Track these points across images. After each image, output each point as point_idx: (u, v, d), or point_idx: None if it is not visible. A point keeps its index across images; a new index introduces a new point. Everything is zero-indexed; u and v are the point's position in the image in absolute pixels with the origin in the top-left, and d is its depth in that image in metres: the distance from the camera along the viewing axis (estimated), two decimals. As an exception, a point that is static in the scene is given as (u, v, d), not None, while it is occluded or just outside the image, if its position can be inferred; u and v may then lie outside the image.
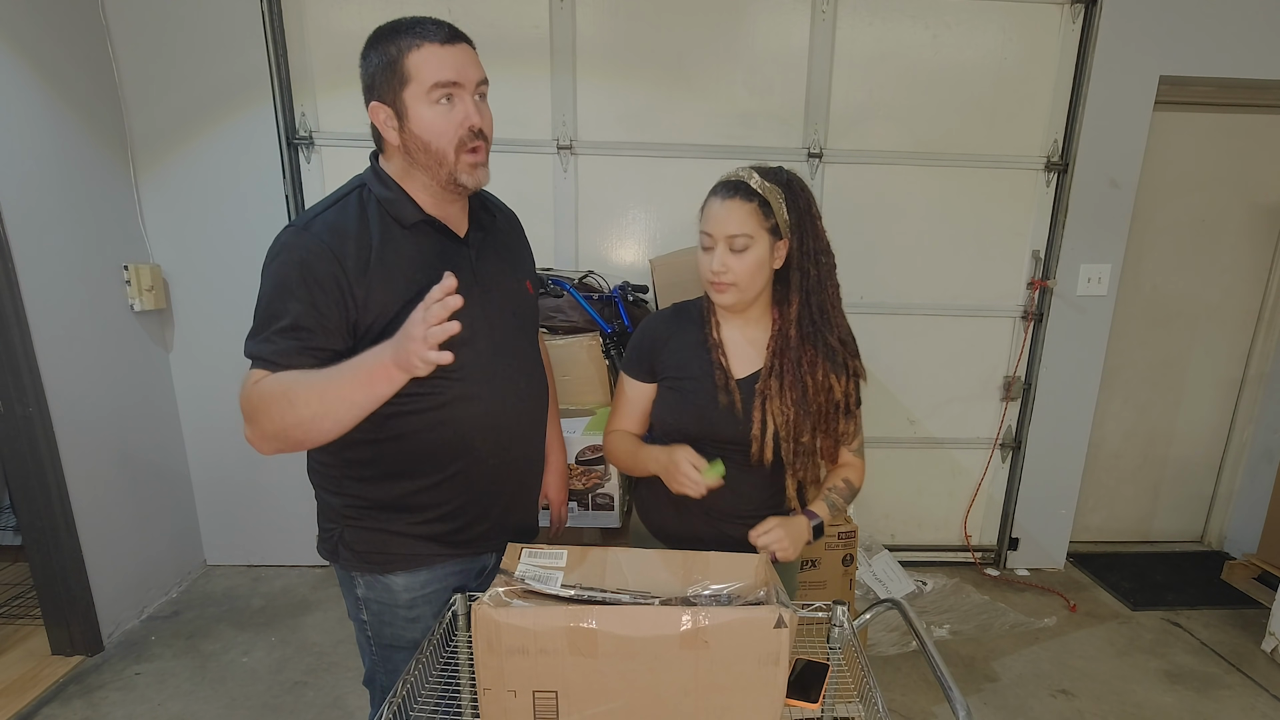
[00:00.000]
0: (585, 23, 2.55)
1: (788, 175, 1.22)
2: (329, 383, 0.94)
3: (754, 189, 1.17)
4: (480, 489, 1.18)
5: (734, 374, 1.25)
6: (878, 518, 3.10)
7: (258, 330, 1.01)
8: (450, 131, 1.02)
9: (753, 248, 1.17)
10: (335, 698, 2.15)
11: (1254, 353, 3.13)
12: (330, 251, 1.00)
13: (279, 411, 0.95)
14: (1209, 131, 2.87)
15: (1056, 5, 2.60)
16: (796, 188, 1.21)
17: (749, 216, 1.17)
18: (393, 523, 1.16)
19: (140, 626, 2.50)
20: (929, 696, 2.20)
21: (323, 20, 2.52)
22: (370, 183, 1.09)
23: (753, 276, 1.19)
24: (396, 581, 1.18)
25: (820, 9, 2.55)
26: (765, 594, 1.01)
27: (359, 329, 1.03)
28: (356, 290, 1.01)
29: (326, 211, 1.06)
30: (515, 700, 0.94)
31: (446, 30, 1.02)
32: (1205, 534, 3.35)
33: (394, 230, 1.07)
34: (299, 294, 0.99)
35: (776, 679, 0.92)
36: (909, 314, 2.86)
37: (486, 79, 1.07)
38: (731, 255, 1.18)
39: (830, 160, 2.69)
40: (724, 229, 1.17)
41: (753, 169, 1.20)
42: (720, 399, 1.23)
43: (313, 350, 1.00)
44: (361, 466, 1.13)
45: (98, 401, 2.36)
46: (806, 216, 1.21)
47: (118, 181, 2.48)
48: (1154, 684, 2.31)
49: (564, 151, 2.63)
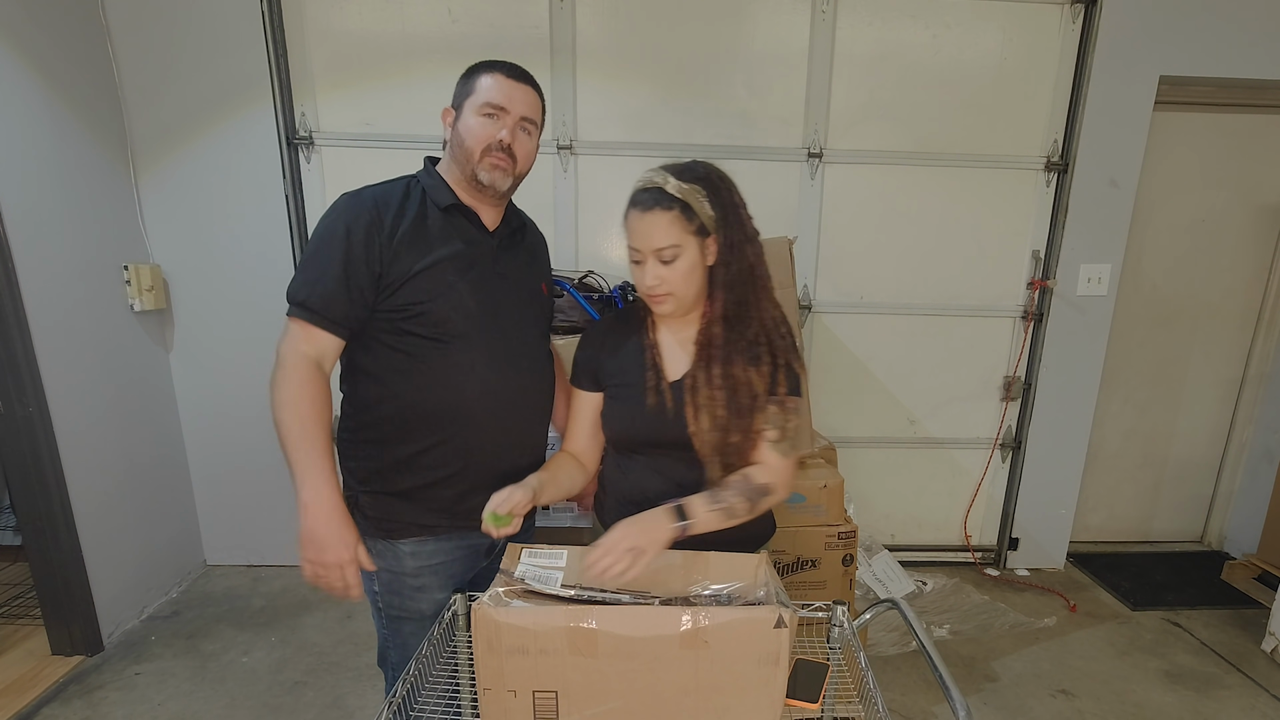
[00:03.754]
0: (585, 23, 2.55)
1: (704, 169, 1.16)
2: (299, 441, 1.14)
3: (671, 194, 1.11)
4: (477, 457, 1.27)
5: (668, 375, 1.22)
6: (878, 518, 3.10)
7: (301, 270, 1.20)
8: (482, 137, 1.20)
9: (682, 255, 1.13)
10: (335, 698, 2.15)
11: (1254, 353, 3.13)
12: (370, 214, 1.18)
13: (279, 405, 1.16)
14: (1209, 131, 2.87)
15: (1056, 5, 2.60)
16: (716, 180, 1.16)
17: (671, 225, 1.12)
18: (397, 485, 1.26)
19: (140, 626, 2.50)
20: (929, 696, 2.20)
21: (323, 20, 2.52)
22: (420, 175, 1.28)
23: (688, 283, 1.15)
24: (404, 548, 1.27)
25: (820, 9, 2.55)
26: (765, 594, 1.01)
27: (382, 282, 1.19)
28: (387, 249, 1.18)
29: (377, 185, 1.25)
30: (515, 700, 0.95)
31: (520, 71, 1.23)
32: (1205, 534, 3.35)
33: (430, 210, 1.24)
34: (341, 246, 1.17)
35: (776, 679, 0.92)
36: (909, 314, 2.86)
37: (536, 121, 1.25)
38: (662, 267, 1.14)
39: (830, 160, 2.69)
40: (649, 243, 1.13)
41: (666, 171, 1.14)
42: (649, 401, 1.20)
43: (340, 297, 1.16)
44: (374, 427, 1.26)
45: (98, 402, 2.36)
46: (729, 209, 1.15)
47: (118, 181, 2.48)
48: (1154, 684, 2.31)
49: (564, 151, 2.63)
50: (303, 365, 1.16)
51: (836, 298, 2.84)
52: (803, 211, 2.73)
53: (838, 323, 2.87)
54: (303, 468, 1.14)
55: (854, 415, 2.95)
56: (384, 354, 1.22)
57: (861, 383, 2.92)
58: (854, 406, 2.94)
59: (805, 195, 2.72)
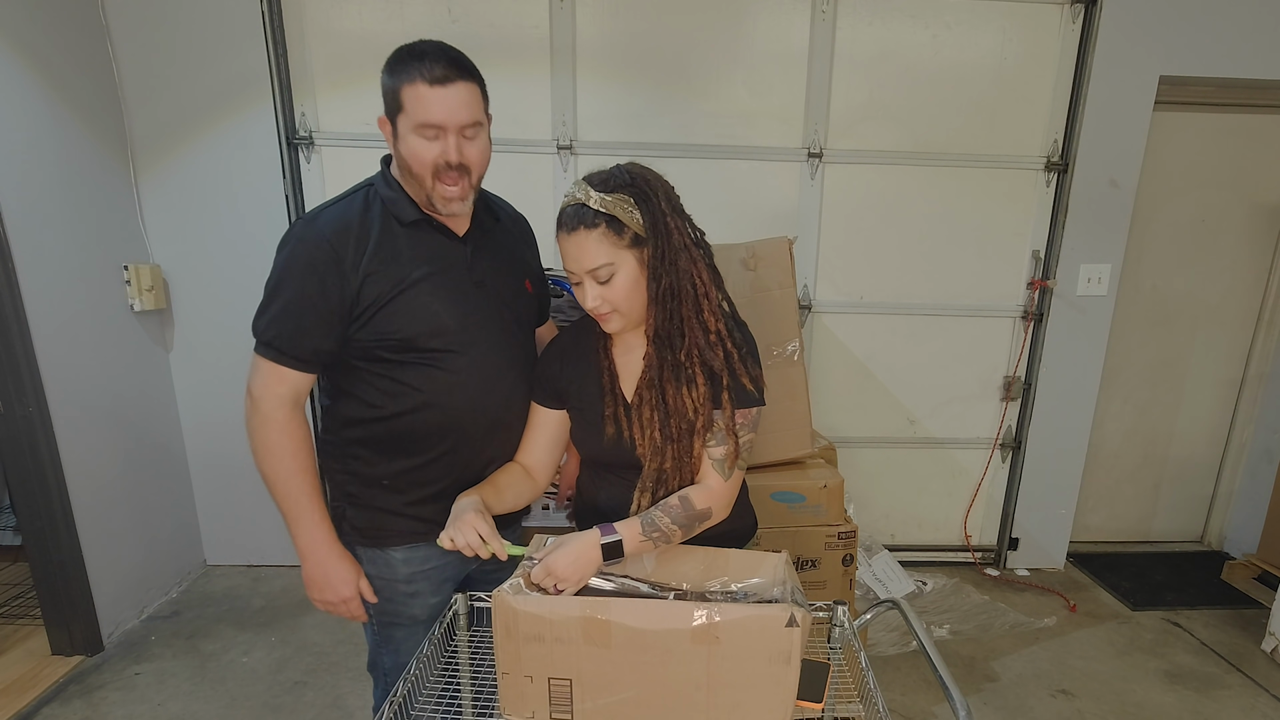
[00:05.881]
0: (585, 23, 2.55)
1: (629, 175, 1.07)
2: (288, 490, 1.16)
3: (595, 210, 1.04)
4: (470, 469, 1.23)
5: (624, 395, 1.17)
6: (878, 518, 3.10)
7: (264, 309, 1.13)
8: (429, 161, 1.09)
9: (619, 271, 1.06)
10: (335, 698, 2.15)
11: (1254, 353, 3.13)
12: (330, 244, 1.10)
13: (262, 453, 1.16)
14: (1209, 131, 2.87)
15: (1056, 5, 2.60)
16: (643, 186, 1.06)
17: (600, 243, 1.04)
18: (389, 501, 1.23)
19: (140, 626, 2.50)
20: (929, 696, 2.20)
21: (323, 20, 2.52)
22: (378, 183, 1.18)
23: (631, 298, 1.08)
24: (396, 555, 1.25)
25: (820, 9, 2.55)
26: (781, 593, 1.02)
27: (353, 314, 1.13)
28: (352, 280, 1.11)
29: (333, 206, 1.16)
30: (532, 685, 0.97)
31: (442, 69, 1.06)
32: (1205, 534, 3.35)
33: (393, 227, 1.15)
34: (301, 282, 1.10)
35: (787, 678, 0.92)
36: (909, 314, 2.86)
37: (480, 120, 1.12)
38: (600, 286, 1.07)
39: (830, 160, 2.69)
40: (581, 265, 1.06)
41: (588, 184, 1.06)
42: (608, 430, 1.16)
43: (306, 334, 1.11)
44: (359, 445, 1.22)
45: (98, 401, 2.36)
46: (660, 215, 1.06)
47: (118, 181, 2.48)
48: (1154, 684, 2.31)
49: (564, 151, 2.63)
50: (280, 409, 1.13)
51: (836, 298, 2.84)
52: (802, 211, 2.73)
53: (838, 323, 2.87)
54: (294, 515, 1.16)
55: (854, 415, 2.95)
56: (367, 377, 1.18)
57: (861, 383, 2.92)
58: (854, 406, 2.94)
59: (805, 195, 2.72)
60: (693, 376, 1.10)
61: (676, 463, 1.13)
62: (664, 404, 1.11)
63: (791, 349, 1.96)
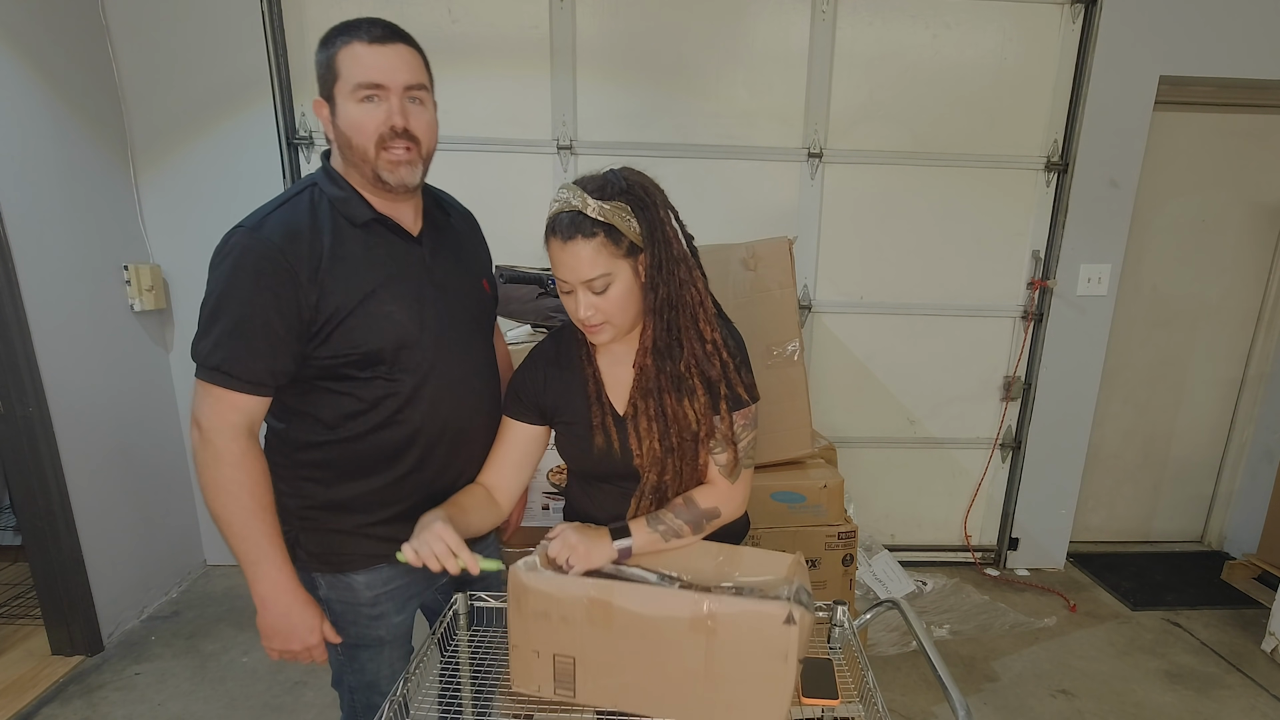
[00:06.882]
0: (585, 23, 2.55)
1: (625, 181, 1.04)
2: (247, 532, 1.03)
3: (593, 219, 1.00)
4: (434, 488, 1.16)
5: (613, 407, 1.15)
6: (878, 518, 3.10)
7: (205, 330, 1.01)
8: (371, 129, 1.00)
9: (615, 281, 1.03)
10: (335, 698, 2.13)
11: (1254, 353, 3.13)
12: (282, 253, 0.99)
13: (214, 491, 1.02)
14: (1209, 131, 2.87)
15: (1056, 5, 2.60)
16: (639, 192, 1.04)
17: (597, 253, 1.01)
18: (346, 523, 1.14)
19: (140, 626, 2.50)
20: (929, 696, 2.20)
21: (323, 20, 2.51)
22: (321, 182, 1.08)
23: (624, 309, 1.05)
24: (358, 580, 1.16)
25: (820, 9, 2.55)
26: (787, 592, 1.02)
27: (311, 329, 1.03)
28: (309, 292, 1.01)
29: (277, 211, 1.04)
30: (538, 660, 1.00)
31: (380, 30, 1.00)
32: (1205, 534, 3.35)
33: (346, 230, 1.05)
34: (250, 296, 0.99)
35: (784, 675, 0.92)
36: (909, 314, 2.86)
37: (424, 84, 1.05)
38: (595, 296, 1.03)
39: (830, 160, 2.69)
40: (577, 275, 1.02)
41: (583, 191, 1.02)
42: (597, 441, 1.13)
43: (260, 355, 1.00)
44: (315, 468, 1.12)
45: (98, 401, 2.36)
46: (657, 224, 1.04)
47: (118, 181, 2.48)
48: (1154, 684, 2.31)
49: (564, 151, 2.63)
50: (235, 441, 1.01)
51: (836, 298, 2.84)
52: (803, 211, 2.73)
53: (838, 323, 2.87)
54: (253, 559, 1.04)
55: (854, 415, 2.95)
56: (324, 397, 1.08)
57: (861, 383, 2.92)
58: (854, 406, 2.95)
59: (805, 195, 2.72)
60: (693, 388, 1.09)
61: (676, 473, 1.12)
62: (663, 414, 1.10)
63: (791, 349, 1.96)
